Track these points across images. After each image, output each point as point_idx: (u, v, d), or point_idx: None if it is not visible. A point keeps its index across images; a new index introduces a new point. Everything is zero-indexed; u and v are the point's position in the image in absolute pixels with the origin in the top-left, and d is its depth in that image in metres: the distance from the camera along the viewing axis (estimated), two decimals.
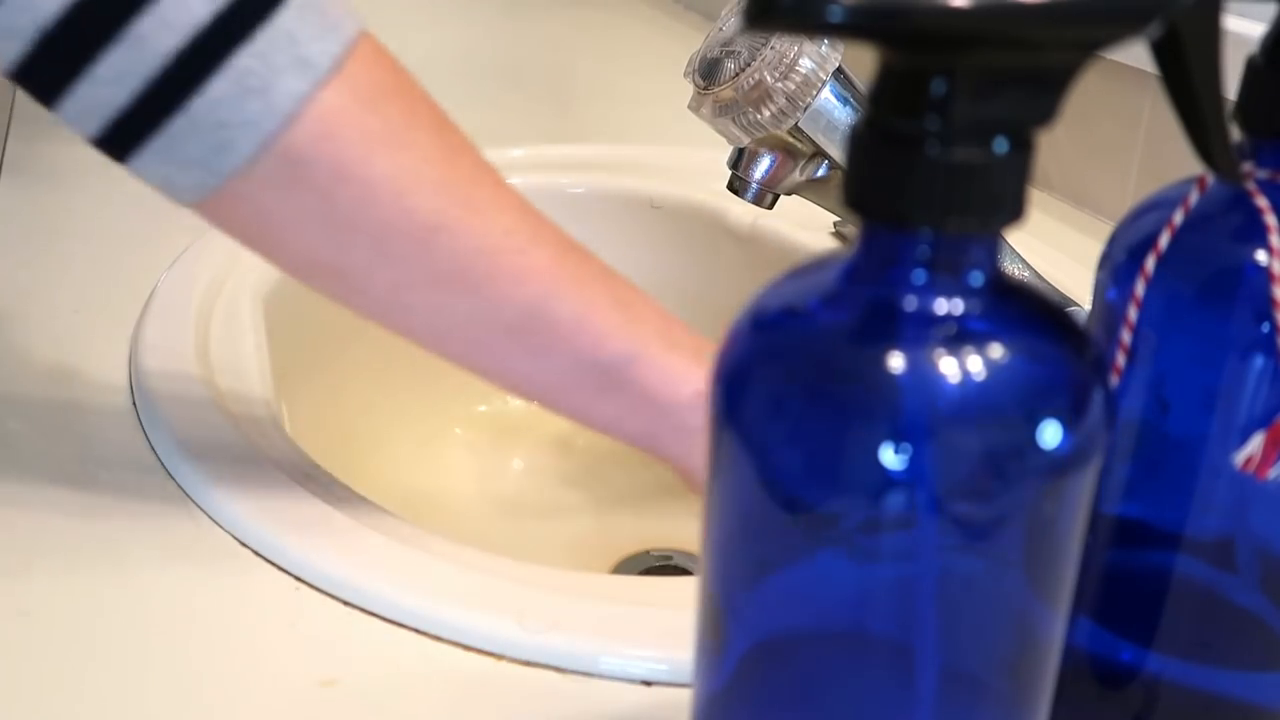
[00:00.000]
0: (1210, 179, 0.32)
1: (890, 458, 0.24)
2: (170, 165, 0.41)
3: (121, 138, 0.40)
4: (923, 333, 0.25)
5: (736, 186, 0.66)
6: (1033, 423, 0.25)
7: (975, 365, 0.24)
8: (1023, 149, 0.24)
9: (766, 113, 0.59)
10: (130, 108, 0.40)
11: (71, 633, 0.42)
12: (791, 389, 0.26)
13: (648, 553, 0.70)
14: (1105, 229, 0.35)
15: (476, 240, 0.44)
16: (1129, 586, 0.36)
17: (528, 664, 0.42)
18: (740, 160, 0.65)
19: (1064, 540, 0.26)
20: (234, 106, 0.40)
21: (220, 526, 0.47)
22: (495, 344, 0.46)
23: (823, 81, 0.59)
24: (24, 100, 0.94)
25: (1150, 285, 0.32)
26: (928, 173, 0.24)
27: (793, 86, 0.58)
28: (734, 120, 0.60)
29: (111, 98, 0.40)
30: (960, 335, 0.25)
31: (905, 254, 0.25)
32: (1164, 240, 0.32)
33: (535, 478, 0.76)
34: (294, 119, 0.40)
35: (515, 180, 0.81)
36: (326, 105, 0.41)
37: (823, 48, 0.59)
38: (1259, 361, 0.31)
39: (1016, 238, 0.65)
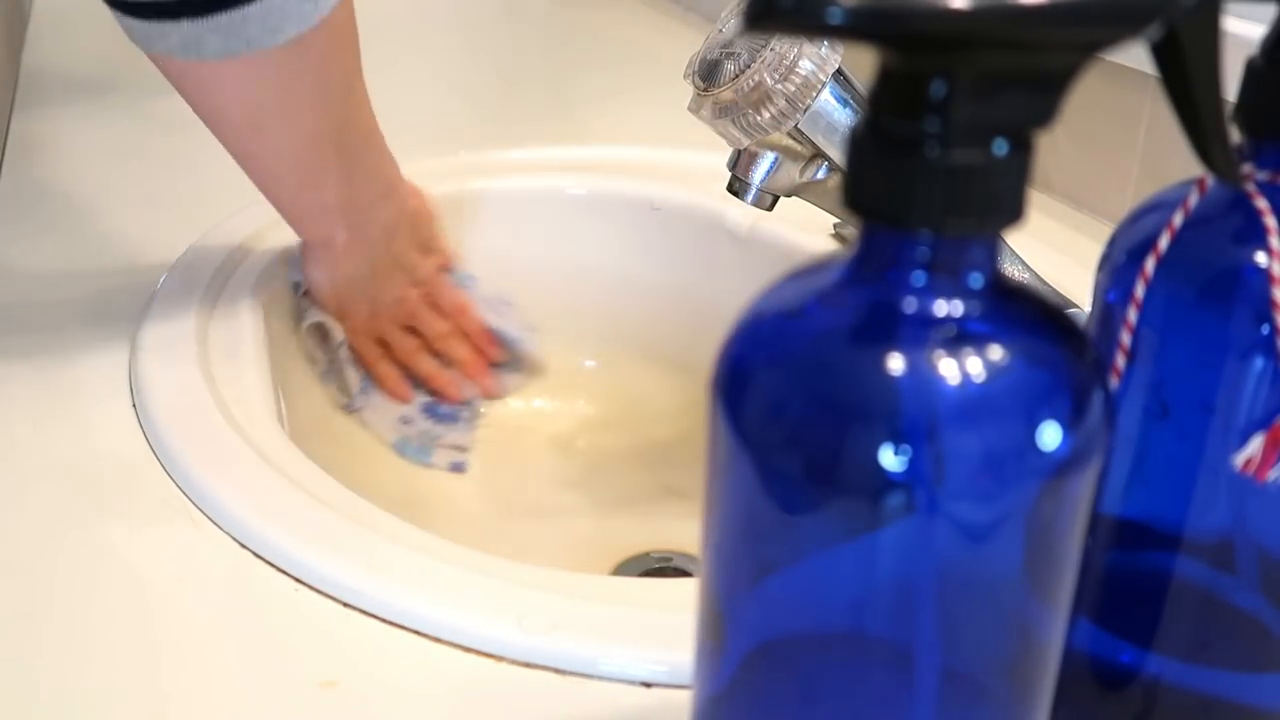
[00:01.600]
0: (1210, 180, 0.32)
1: (890, 459, 0.24)
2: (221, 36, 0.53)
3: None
4: (922, 334, 0.25)
5: (736, 188, 0.66)
6: (1032, 424, 0.25)
7: (975, 367, 0.25)
8: (1022, 150, 0.24)
9: (766, 114, 0.59)
10: None
11: (71, 634, 0.42)
12: (791, 390, 0.26)
13: (648, 554, 0.70)
14: (1105, 230, 0.35)
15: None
16: (1129, 588, 0.36)
17: (528, 665, 0.42)
18: (740, 162, 0.65)
19: (1064, 541, 0.27)
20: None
21: (220, 527, 0.48)
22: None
23: (822, 83, 0.59)
24: (24, 99, 0.94)
25: (1150, 287, 0.32)
26: (927, 174, 0.24)
27: (792, 88, 0.58)
28: (734, 122, 0.60)
29: None
30: (960, 337, 0.25)
31: (905, 256, 0.25)
32: (1164, 242, 0.32)
33: (535, 479, 0.76)
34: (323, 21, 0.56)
35: (516, 182, 0.82)
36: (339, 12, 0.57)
37: (822, 49, 0.59)
38: (1258, 363, 0.31)
39: (1016, 239, 0.65)
